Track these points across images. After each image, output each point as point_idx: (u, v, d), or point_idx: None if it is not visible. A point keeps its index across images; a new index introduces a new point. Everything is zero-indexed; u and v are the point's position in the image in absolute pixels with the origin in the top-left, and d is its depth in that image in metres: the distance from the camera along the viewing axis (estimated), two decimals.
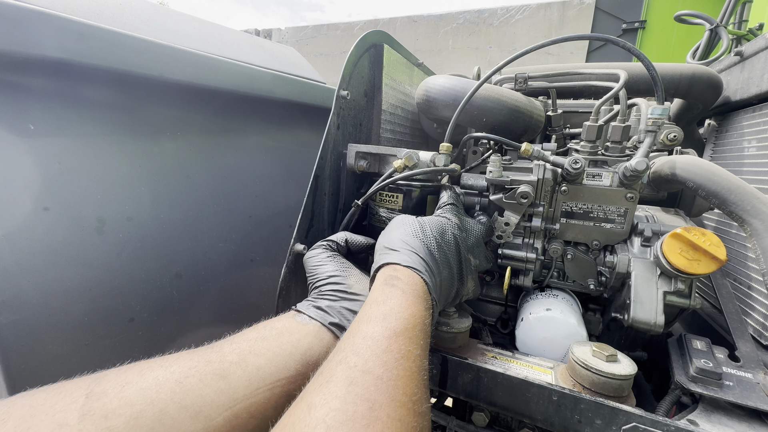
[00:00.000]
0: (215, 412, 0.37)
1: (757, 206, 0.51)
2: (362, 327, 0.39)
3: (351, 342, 0.37)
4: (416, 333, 0.39)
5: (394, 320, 0.39)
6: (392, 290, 0.43)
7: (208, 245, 0.80)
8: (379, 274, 0.47)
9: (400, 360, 0.36)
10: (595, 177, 0.62)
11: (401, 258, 0.47)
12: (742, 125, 0.81)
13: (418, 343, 0.39)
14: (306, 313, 0.50)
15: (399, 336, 0.38)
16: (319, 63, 5.08)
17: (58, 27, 0.54)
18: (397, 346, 0.37)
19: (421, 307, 0.43)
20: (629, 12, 3.66)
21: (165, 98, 0.73)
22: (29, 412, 0.31)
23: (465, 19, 4.41)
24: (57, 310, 0.57)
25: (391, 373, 0.34)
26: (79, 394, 0.33)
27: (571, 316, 0.62)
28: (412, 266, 0.46)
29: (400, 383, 0.34)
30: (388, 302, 0.41)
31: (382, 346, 0.36)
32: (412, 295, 0.43)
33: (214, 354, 0.41)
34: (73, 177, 0.59)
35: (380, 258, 0.49)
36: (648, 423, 0.44)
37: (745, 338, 0.59)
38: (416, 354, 0.38)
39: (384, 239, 0.53)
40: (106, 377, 0.36)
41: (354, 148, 0.72)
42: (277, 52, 1.15)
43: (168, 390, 0.36)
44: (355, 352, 0.36)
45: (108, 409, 0.33)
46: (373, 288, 0.46)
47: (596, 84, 0.84)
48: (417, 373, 0.37)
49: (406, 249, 0.49)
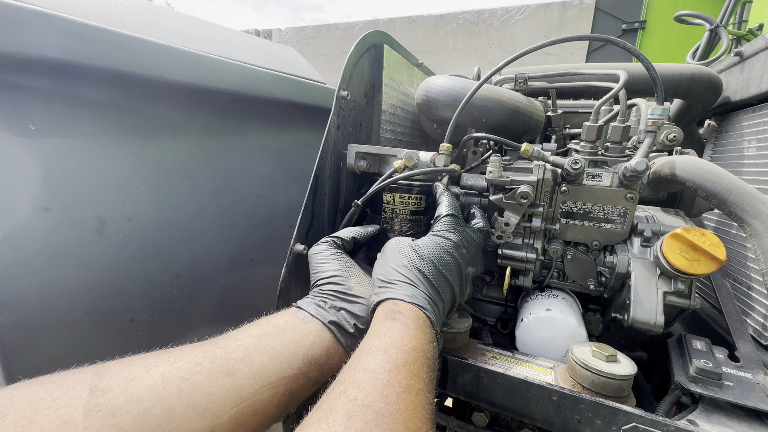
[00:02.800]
0: (222, 410, 0.37)
1: (756, 206, 0.51)
2: (363, 359, 0.38)
3: (352, 375, 0.37)
4: (418, 366, 0.39)
5: (395, 353, 0.38)
6: (393, 323, 0.42)
7: (208, 245, 0.80)
8: (380, 309, 0.46)
9: (402, 394, 0.35)
10: (595, 177, 0.62)
11: (402, 293, 0.46)
12: (742, 125, 0.81)
13: (420, 377, 0.38)
14: (307, 310, 0.50)
15: (400, 369, 0.37)
16: (319, 63, 5.08)
17: (58, 27, 0.54)
18: (398, 379, 0.36)
19: (424, 340, 0.42)
20: (629, 12, 3.67)
21: (165, 98, 0.73)
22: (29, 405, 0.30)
23: (465, 19, 4.41)
24: (57, 310, 0.57)
25: (392, 407, 0.33)
26: (82, 389, 0.32)
27: (571, 317, 0.62)
28: (413, 302, 0.46)
29: (401, 418, 0.33)
30: (389, 335, 0.41)
31: (383, 379, 0.35)
32: (414, 328, 0.42)
33: (219, 351, 0.41)
34: (74, 177, 0.59)
35: (380, 293, 0.48)
36: (648, 423, 0.44)
37: (744, 338, 0.59)
38: (419, 388, 0.37)
39: (381, 270, 0.51)
40: (110, 371, 0.35)
41: (354, 148, 0.72)
42: (277, 52, 1.15)
43: (175, 387, 0.35)
44: (356, 385, 0.35)
45: (114, 406, 0.32)
46: (373, 321, 0.45)
47: (596, 84, 0.84)
48: (420, 407, 0.35)
49: (406, 282, 0.48)
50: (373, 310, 0.48)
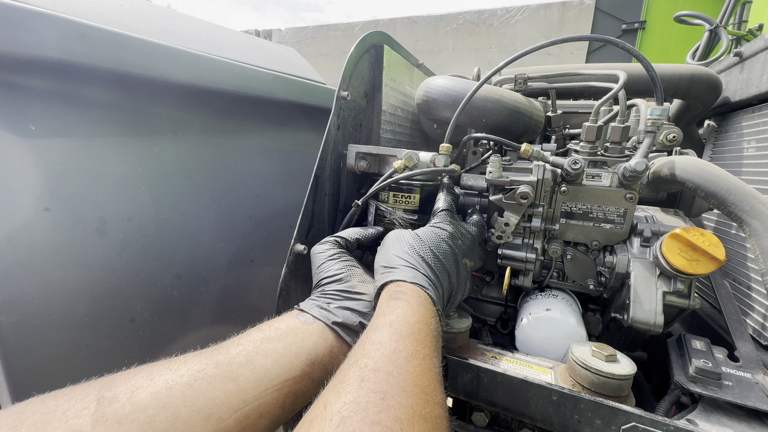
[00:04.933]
0: (226, 414, 0.37)
1: (756, 207, 0.52)
2: (371, 335, 0.41)
3: (361, 348, 0.39)
4: (423, 336, 0.41)
5: (400, 326, 0.41)
6: (397, 302, 0.44)
7: (208, 245, 0.80)
8: (384, 292, 0.48)
9: (409, 358, 0.37)
10: (595, 177, 0.62)
11: (403, 275, 0.49)
12: (742, 126, 0.81)
13: (425, 344, 0.40)
14: (310, 313, 0.50)
15: (406, 338, 0.39)
16: (320, 63, 5.08)
17: (59, 28, 0.54)
18: (404, 346, 0.38)
19: (427, 315, 0.44)
20: (629, 12, 3.67)
21: (166, 99, 0.73)
22: (42, 418, 0.31)
23: (465, 19, 4.41)
24: (58, 310, 0.57)
25: (401, 369, 0.36)
26: (90, 400, 0.33)
27: (571, 317, 0.62)
28: (414, 282, 0.48)
29: (410, 377, 0.35)
30: (394, 312, 0.43)
31: (390, 347, 0.38)
32: (417, 304, 0.45)
33: (222, 356, 0.42)
34: (74, 177, 0.59)
35: (382, 277, 0.50)
36: (647, 423, 0.44)
37: (744, 338, 0.59)
38: (425, 354, 0.39)
39: (382, 258, 0.54)
40: (116, 382, 0.36)
41: (354, 148, 0.72)
42: (277, 52, 1.15)
43: (179, 393, 0.36)
44: (365, 355, 0.37)
45: (121, 415, 0.33)
46: (378, 303, 0.47)
47: (596, 85, 0.84)
48: (428, 369, 0.38)
49: (406, 266, 0.50)
50: (377, 295, 0.50)
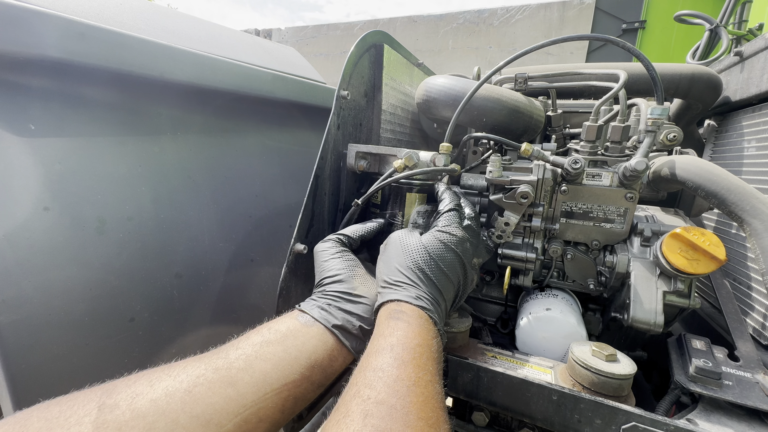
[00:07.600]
0: (225, 419, 0.38)
1: (756, 206, 0.51)
2: (371, 360, 0.40)
3: (363, 375, 0.39)
4: (424, 360, 0.40)
5: (401, 350, 0.40)
6: (397, 323, 0.44)
7: (208, 245, 0.80)
8: (383, 310, 0.47)
9: (412, 387, 0.37)
10: (595, 177, 0.62)
11: (405, 295, 0.48)
12: (742, 125, 0.81)
13: (427, 369, 0.40)
14: (310, 314, 0.50)
15: (408, 365, 0.39)
16: (319, 63, 5.08)
17: (58, 27, 0.54)
18: (407, 374, 0.38)
19: (428, 336, 0.44)
20: (629, 12, 3.67)
21: (165, 98, 0.73)
22: (45, 425, 0.32)
23: (465, 19, 4.41)
24: (57, 309, 0.57)
25: (404, 401, 0.35)
26: (91, 407, 0.34)
27: (571, 316, 0.62)
28: (416, 304, 0.47)
29: (414, 409, 0.35)
30: (394, 334, 0.42)
31: (392, 375, 0.37)
32: (418, 326, 0.44)
33: (221, 361, 0.42)
34: (74, 177, 0.59)
35: (384, 294, 0.49)
36: (647, 422, 0.44)
37: (744, 338, 0.59)
38: (427, 380, 0.39)
39: (385, 269, 0.52)
40: (117, 389, 0.37)
41: (354, 148, 0.72)
42: (277, 52, 1.15)
43: (178, 400, 0.37)
44: (367, 385, 0.37)
45: (121, 421, 0.33)
46: (378, 322, 0.46)
47: (596, 84, 0.84)
48: (431, 398, 0.37)
49: (409, 284, 0.49)
50: (376, 311, 0.49)
